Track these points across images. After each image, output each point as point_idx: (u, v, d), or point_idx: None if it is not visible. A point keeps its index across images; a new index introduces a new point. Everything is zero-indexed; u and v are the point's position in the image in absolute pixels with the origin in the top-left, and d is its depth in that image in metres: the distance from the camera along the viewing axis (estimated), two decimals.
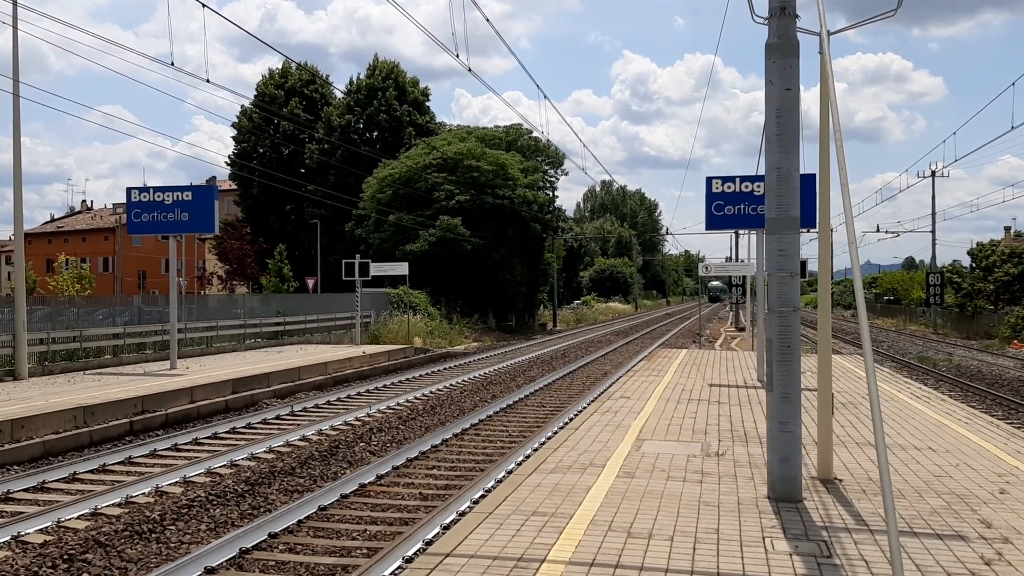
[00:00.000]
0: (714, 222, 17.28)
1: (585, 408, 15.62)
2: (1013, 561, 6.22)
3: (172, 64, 18.53)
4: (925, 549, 6.50)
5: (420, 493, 10.79)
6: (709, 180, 17.22)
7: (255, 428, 15.56)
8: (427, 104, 66.73)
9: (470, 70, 13.60)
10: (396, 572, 7.40)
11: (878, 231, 76.48)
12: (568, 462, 9.55)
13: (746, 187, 16.90)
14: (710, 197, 17.14)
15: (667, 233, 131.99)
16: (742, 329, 47.75)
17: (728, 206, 17.02)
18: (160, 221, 22.40)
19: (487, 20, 13.36)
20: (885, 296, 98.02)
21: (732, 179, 17.11)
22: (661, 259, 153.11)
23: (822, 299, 9.18)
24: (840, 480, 8.75)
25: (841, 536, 6.85)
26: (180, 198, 22.20)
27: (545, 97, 19.63)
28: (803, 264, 24.95)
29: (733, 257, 51.03)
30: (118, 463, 12.41)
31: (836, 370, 18.27)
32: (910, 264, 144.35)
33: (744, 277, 41.58)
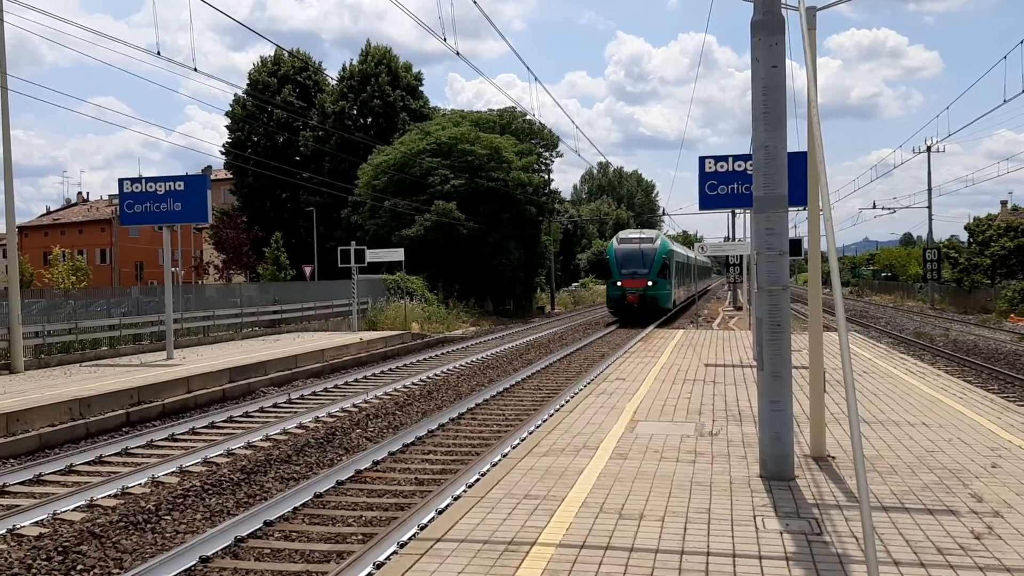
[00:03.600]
0: (707, 202, 17.22)
1: (581, 391, 15.64)
2: (1003, 535, 6.23)
3: (159, 54, 18.37)
4: (916, 524, 6.52)
5: (416, 478, 10.81)
6: (702, 160, 17.14)
7: (251, 416, 15.58)
8: (420, 89, 66.52)
9: (458, 53, 13.56)
10: (389, 558, 7.42)
11: (874, 207, 76.24)
12: (561, 445, 9.56)
13: (739, 166, 16.81)
14: (703, 177, 17.07)
15: (663, 214, 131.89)
16: (740, 308, 47.82)
17: (721, 185, 16.95)
18: (153, 212, 22.36)
19: (475, 3, 13.29)
20: (883, 272, 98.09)
21: (725, 158, 17.03)
22: None
23: (812, 277, 9.17)
24: (833, 457, 8.76)
25: (832, 513, 6.86)
26: (172, 188, 22.13)
27: (536, 79, 19.55)
28: (798, 243, 24.92)
29: (731, 236, 51.05)
30: (114, 454, 12.43)
31: (832, 347, 18.28)
32: (908, 240, 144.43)
33: (741, 256, 41.73)
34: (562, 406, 13.82)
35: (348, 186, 53.24)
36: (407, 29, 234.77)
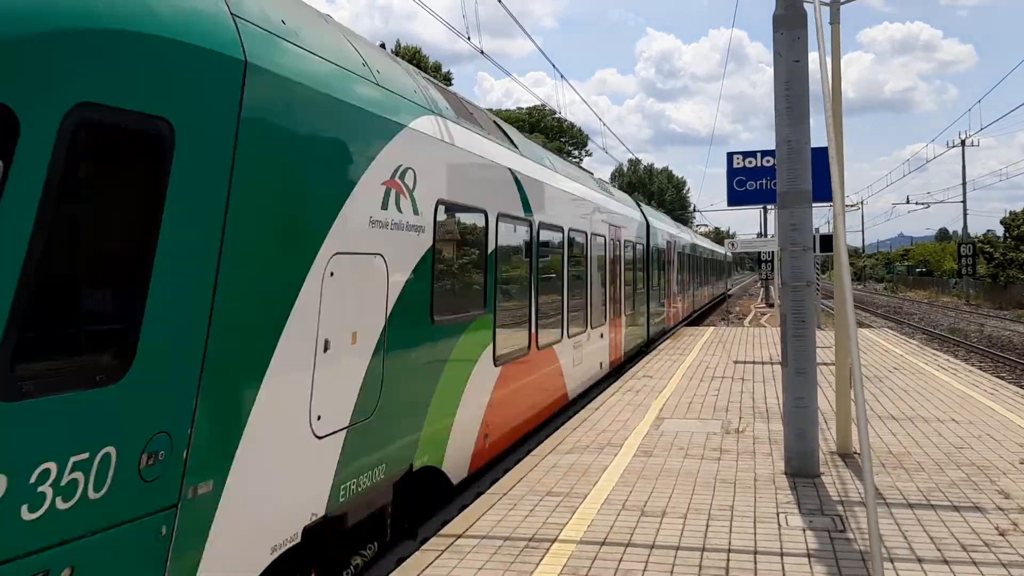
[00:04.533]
0: (736, 198, 17.10)
1: (607, 388, 15.61)
2: None
3: None
4: (941, 521, 6.46)
5: None
6: (730, 155, 17.04)
7: None
8: (450, 88, 66.62)
9: (483, 52, 13.54)
10: (411, 553, 7.45)
11: (908, 202, 75.35)
12: (586, 442, 9.56)
13: (767, 161, 16.68)
14: (731, 173, 16.96)
15: (694, 211, 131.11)
16: (772, 305, 47.42)
17: (750, 181, 16.84)
18: None
19: (500, 1, 13.28)
20: (917, 268, 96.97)
21: (753, 154, 16.93)
22: None
23: (839, 271, 9.08)
24: (859, 454, 8.69)
25: (856, 511, 6.81)
26: None
27: (563, 77, 19.41)
28: (829, 238, 24.66)
29: (763, 232, 50.67)
30: None
31: (862, 343, 18.11)
32: (943, 235, 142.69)
33: (772, 252, 41.30)
34: (588, 403, 13.80)
35: None
36: (437, 29, 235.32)
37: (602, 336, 15.75)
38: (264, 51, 4.79)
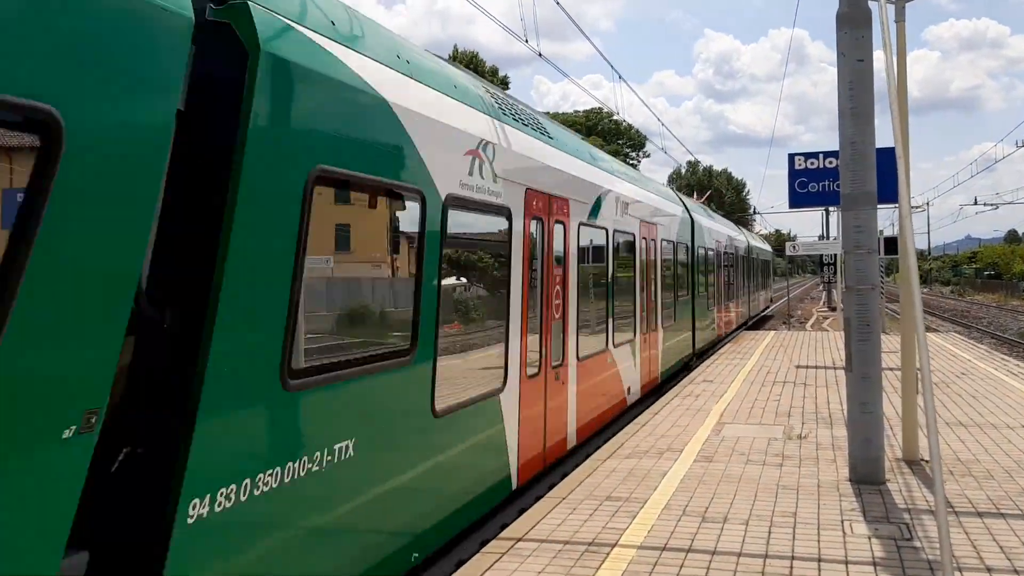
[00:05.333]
0: (798, 199, 16.86)
1: (667, 392, 15.50)
2: None
3: None
4: (1011, 530, 6.30)
5: None
6: (791, 156, 16.81)
7: None
8: (507, 93, 66.86)
9: (540, 55, 13.55)
10: (471, 556, 7.48)
11: (976, 203, 73.56)
12: (645, 447, 9.50)
13: (830, 163, 16.41)
14: (793, 174, 16.74)
15: (754, 213, 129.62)
16: (834, 309, 46.68)
17: (812, 183, 16.59)
18: None
19: (557, 3, 13.30)
20: (985, 271, 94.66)
21: (815, 155, 16.68)
22: None
23: (904, 274, 8.91)
24: (926, 461, 8.50)
25: (924, 519, 6.67)
26: None
27: (621, 78, 19.28)
28: (892, 240, 24.21)
29: (825, 235, 49.93)
30: None
31: (929, 348, 17.72)
32: (1012, 237, 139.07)
33: (835, 255, 40.63)
34: (647, 408, 13.72)
35: None
36: (495, 33, 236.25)
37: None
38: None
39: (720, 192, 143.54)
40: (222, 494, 4.13)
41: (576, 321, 9.92)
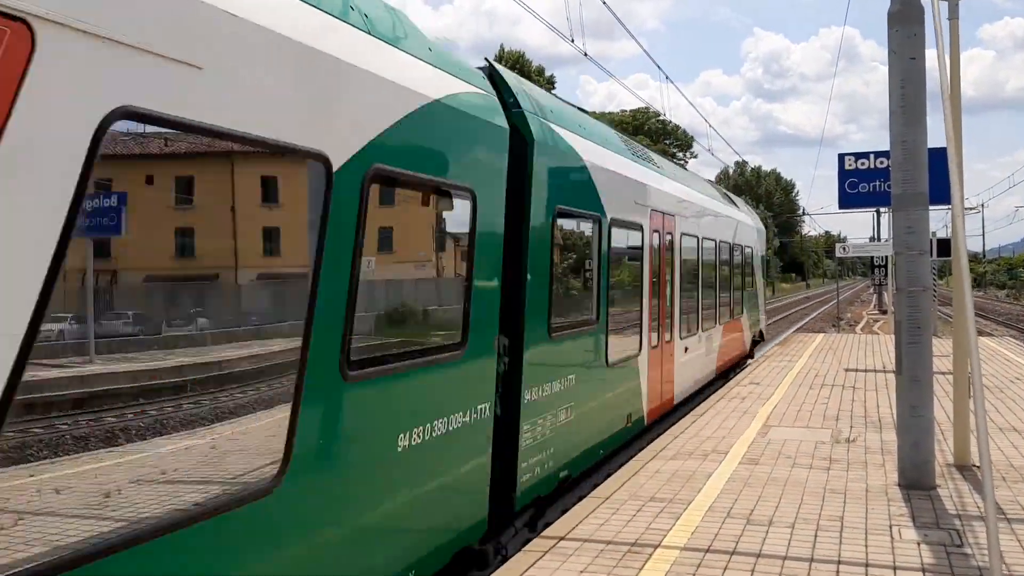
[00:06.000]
0: (847, 200, 16.63)
1: (712, 394, 15.37)
2: None
3: None
4: None
5: None
6: (841, 157, 16.60)
7: None
8: (552, 92, 66.83)
9: (586, 55, 13.52)
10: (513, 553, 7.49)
11: None
12: (690, 448, 9.44)
13: (881, 163, 16.15)
14: (843, 175, 16.52)
15: (803, 214, 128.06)
16: (885, 312, 45.95)
17: (862, 183, 16.35)
18: None
19: (604, 3, 13.24)
20: None
21: (866, 155, 16.44)
22: (799, 241, 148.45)
23: (956, 277, 8.74)
24: (978, 467, 8.34)
25: (975, 525, 6.54)
26: None
27: (668, 79, 19.21)
28: (945, 242, 23.77)
29: (875, 236, 49.16)
30: None
31: (983, 352, 17.38)
32: None
33: (886, 257, 39.98)
34: (692, 409, 13.62)
35: None
36: (541, 32, 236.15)
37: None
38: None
39: (769, 193, 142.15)
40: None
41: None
